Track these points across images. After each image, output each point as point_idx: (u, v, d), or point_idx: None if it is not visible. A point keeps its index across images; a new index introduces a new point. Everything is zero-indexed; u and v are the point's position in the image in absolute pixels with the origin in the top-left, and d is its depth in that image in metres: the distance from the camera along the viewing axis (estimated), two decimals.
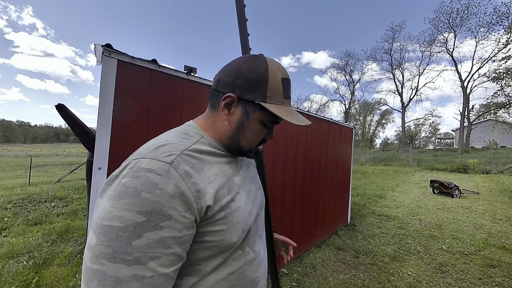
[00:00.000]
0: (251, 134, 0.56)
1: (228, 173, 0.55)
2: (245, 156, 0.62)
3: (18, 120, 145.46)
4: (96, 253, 0.37)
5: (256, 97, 0.52)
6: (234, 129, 0.56)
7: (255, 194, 0.63)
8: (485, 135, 26.17)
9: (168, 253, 0.40)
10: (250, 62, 0.54)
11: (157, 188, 0.40)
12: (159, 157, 0.44)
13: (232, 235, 0.49)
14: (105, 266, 0.36)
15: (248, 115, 0.54)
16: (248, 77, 0.52)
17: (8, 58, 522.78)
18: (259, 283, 0.60)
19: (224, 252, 0.51)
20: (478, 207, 5.61)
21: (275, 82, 0.53)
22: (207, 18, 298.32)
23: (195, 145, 0.52)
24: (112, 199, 0.39)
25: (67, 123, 2.07)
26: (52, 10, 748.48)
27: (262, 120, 0.55)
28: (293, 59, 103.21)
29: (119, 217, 0.38)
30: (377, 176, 11.44)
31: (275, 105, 0.53)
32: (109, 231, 0.37)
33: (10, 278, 2.37)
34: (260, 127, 0.56)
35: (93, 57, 56.89)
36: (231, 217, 0.50)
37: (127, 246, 0.37)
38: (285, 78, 0.56)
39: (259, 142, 0.59)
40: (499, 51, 22.56)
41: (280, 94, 0.54)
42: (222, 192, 0.50)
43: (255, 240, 0.60)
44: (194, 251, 0.47)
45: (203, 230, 0.46)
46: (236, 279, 0.53)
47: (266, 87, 0.52)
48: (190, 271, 0.48)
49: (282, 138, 2.58)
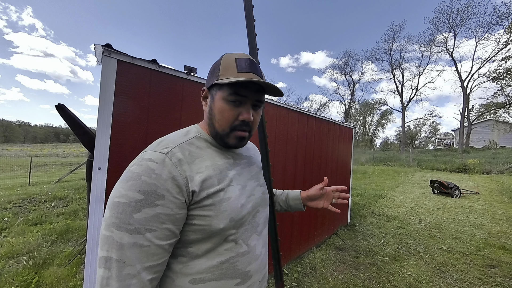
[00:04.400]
0: (218, 113, 0.60)
1: (221, 167, 0.61)
2: (228, 145, 0.63)
3: (18, 120, 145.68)
4: (108, 223, 0.46)
5: (213, 80, 0.60)
6: (208, 115, 0.64)
7: (252, 190, 0.67)
8: (485, 135, 26.17)
9: (163, 228, 0.48)
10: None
11: (153, 173, 0.48)
12: (158, 149, 0.54)
13: (218, 221, 0.55)
14: (113, 233, 0.45)
15: (212, 98, 0.61)
16: (210, 70, 0.64)
17: (8, 59, 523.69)
18: (252, 277, 0.63)
19: (213, 238, 0.55)
20: (478, 207, 5.61)
21: (226, 62, 0.60)
22: (207, 18, 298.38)
23: (190, 140, 0.60)
24: (122, 182, 0.49)
25: (67, 123, 2.06)
26: (52, 11, 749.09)
27: (223, 97, 0.59)
28: (291, 59, 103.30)
29: (124, 195, 0.47)
30: (377, 176, 11.44)
31: (227, 78, 0.57)
32: (117, 206, 0.46)
33: (10, 278, 2.37)
34: (224, 105, 0.59)
35: (93, 58, 57.70)
36: (219, 205, 0.55)
37: (130, 218, 0.46)
38: (240, 58, 0.61)
39: (232, 123, 0.60)
40: (499, 51, 22.57)
41: (233, 68, 0.59)
42: (211, 181, 0.56)
43: (251, 235, 0.64)
44: (185, 232, 0.54)
45: (193, 213, 0.53)
46: (227, 268, 0.57)
47: (219, 69, 0.60)
48: (183, 251, 0.55)
49: (282, 138, 2.58)
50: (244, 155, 0.73)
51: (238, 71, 0.59)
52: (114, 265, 0.45)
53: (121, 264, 0.45)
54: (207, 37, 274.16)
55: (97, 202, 1.27)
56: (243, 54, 0.63)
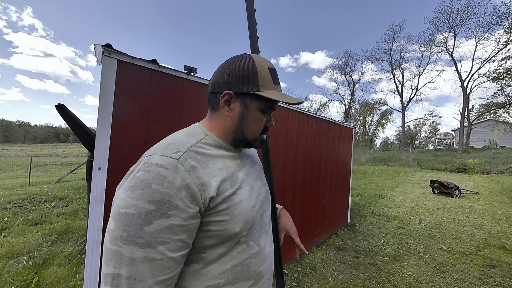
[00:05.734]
0: (253, 123, 0.61)
1: (231, 169, 0.59)
2: (251, 146, 0.66)
3: (18, 120, 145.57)
4: (114, 236, 0.43)
5: (251, 88, 0.57)
6: (237, 122, 0.60)
7: (259, 190, 0.66)
8: (485, 135, 26.15)
9: (175, 239, 0.45)
10: (239, 60, 0.60)
11: (165, 181, 0.45)
12: (168, 154, 0.49)
13: (234, 225, 0.53)
14: (121, 248, 0.42)
15: (247, 106, 0.59)
16: (240, 73, 0.58)
17: (8, 59, 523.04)
18: (264, 276, 0.63)
19: (227, 242, 0.54)
20: (478, 207, 5.61)
21: (264, 72, 0.59)
22: (207, 18, 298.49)
23: (200, 142, 0.57)
24: (128, 190, 0.45)
25: (67, 123, 2.06)
26: (52, 11, 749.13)
27: (260, 108, 0.60)
28: (291, 59, 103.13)
29: (133, 206, 0.43)
30: (377, 176, 11.44)
31: (268, 91, 0.58)
32: (125, 217, 0.43)
33: (10, 278, 2.37)
34: (259, 115, 0.61)
35: (93, 58, 57.69)
36: (233, 209, 0.54)
37: (140, 231, 0.42)
38: (271, 68, 0.61)
39: (261, 130, 0.63)
40: (499, 51, 22.56)
41: (270, 81, 0.59)
42: (225, 185, 0.54)
43: (260, 235, 0.63)
44: (199, 239, 0.51)
45: (207, 220, 0.51)
46: (241, 271, 0.56)
47: (257, 78, 0.58)
48: (196, 258, 0.53)
49: (282, 138, 2.58)
50: (247, 154, 0.72)
51: (274, 84, 0.60)
52: (124, 282, 0.41)
53: (132, 281, 0.42)
54: (207, 37, 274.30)
55: (97, 202, 1.27)
56: (268, 61, 0.63)
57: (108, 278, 0.42)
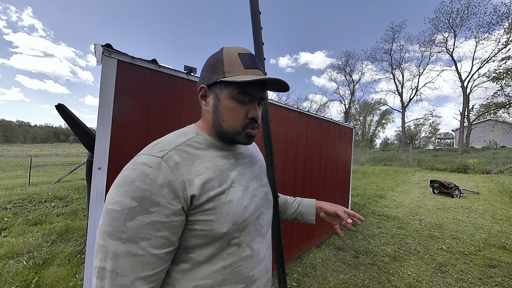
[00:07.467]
0: (227, 113, 0.58)
1: (222, 168, 0.58)
2: (237, 142, 0.61)
3: (18, 120, 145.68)
4: (102, 230, 0.45)
5: (217, 77, 0.56)
6: (212, 115, 0.60)
7: (254, 191, 0.64)
8: (485, 135, 26.17)
9: (158, 236, 0.46)
10: (211, 55, 0.61)
11: (148, 178, 0.46)
12: (153, 153, 0.51)
13: (221, 225, 0.52)
14: (106, 242, 0.44)
15: (217, 96, 0.58)
16: (209, 65, 0.59)
17: (8, 59, 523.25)
18: (257, 281, 0.60)
19: (216, 242, 0.53)
20: (478, 207, 5.61)
21: (230, 58, 0.57)
22: (207, 18, 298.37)
23: (189, 141, 0.57)
24: (115, 187, 0.47)
25: (67, 123, 2.06)
26: (52, 11, 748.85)
27: (231, 96, 0.57)
28: (290, 59, 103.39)
29: (118, 202, 0.45)
30: (377, 176, 11.44)
31: (235, 75, 0.55)
32: (111, 213, 0.44)
33: (10, 278, 2.37)
34: (232, 104, 0.57)
35: (93, 58, 57.71)
36: (221, 208, 0.53)
37: (123, 226, 0.44)
38: (243, 53, 0.58)
39: (243, 122, 0.59)
40: (499, 51, 22.57)
41: (239, 65, 0.56)
42: (211, 184, 0.53)
43: (254, 238, 0.61)
44: (186, 238, 0.51)
45: (193, 218, 0.51)
46: (230, 273, 0.55)
47: (222, 65, 0.56)
48: (185, 257, 0.53)
49: (282, 138, 2.58)
50: (246, 154, 0.70)
51: (245, 68, 0.56)
52: (107, 275, 0.43)
53: (114, 275, 0.43)
54: (207, 37, 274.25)
55: (97, 202, 1.27)
56: (242, 48, 0.60)
57: (95, 270, 0.44)
